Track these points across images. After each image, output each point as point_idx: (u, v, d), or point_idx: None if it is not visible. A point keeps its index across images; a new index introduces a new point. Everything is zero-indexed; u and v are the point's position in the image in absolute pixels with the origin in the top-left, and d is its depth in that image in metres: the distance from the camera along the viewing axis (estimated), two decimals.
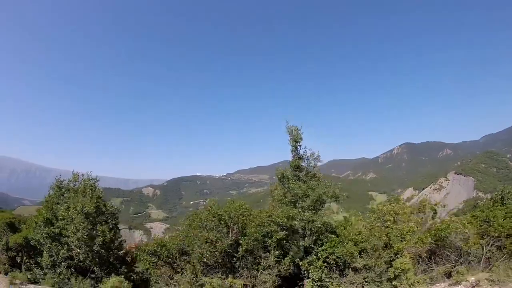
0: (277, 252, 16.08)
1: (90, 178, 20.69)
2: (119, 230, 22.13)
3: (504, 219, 17.68)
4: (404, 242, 16.91)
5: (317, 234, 16.79)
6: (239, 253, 15.88)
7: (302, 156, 18.14)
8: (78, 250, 17.90)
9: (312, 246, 16.56)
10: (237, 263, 16.18)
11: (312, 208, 16.75)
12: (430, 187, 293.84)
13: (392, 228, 18.35)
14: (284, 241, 16.56)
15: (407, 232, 17.54)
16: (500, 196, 23.97)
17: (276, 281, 15.74)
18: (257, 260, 16.15)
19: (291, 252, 16.45)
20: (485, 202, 25.77)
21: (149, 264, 17.84)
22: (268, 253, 16.21)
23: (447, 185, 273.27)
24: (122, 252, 20.55)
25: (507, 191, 23.75)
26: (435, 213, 20.29)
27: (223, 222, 16.12)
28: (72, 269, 18.07)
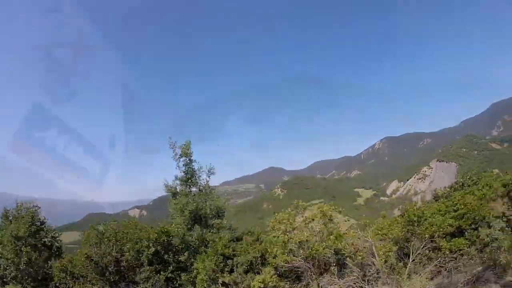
0: (149, 267, 16.55)
1: (32, 206, 24.77)
2: (62, 252, 25.73)
3: (443, 215, 15.53)
4: (281, 255, 15.21)
5: (193, 248, 17.20)
6: (111, 268, 16.97)
7: (188, 171, 19.10)
8: (11, 269, 21.57)
9: (193, 261, 16.71)
10: (116, 277, 17.14)
11: (189, 223, 17.49)
12: (414, 177, 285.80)
13: (277, 237, 16.66)
14: (166, 256, 16.91)
15: (285, 243, 15.57)
16: (461, 183, 22.81)
17: None
18: (135, 275, 16.93)
19: (170, 267, 16.75)
20: (443, 191, 23.69)
21: (58, 279, 19.38)
22: (145, 268, 16.73)
23: (431, 173, 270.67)
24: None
25: (468, 176, 22.86)
26: (330, 219, 17.53)
27: (105, 239, 17.34)
28: (6, 286, 21.76)
